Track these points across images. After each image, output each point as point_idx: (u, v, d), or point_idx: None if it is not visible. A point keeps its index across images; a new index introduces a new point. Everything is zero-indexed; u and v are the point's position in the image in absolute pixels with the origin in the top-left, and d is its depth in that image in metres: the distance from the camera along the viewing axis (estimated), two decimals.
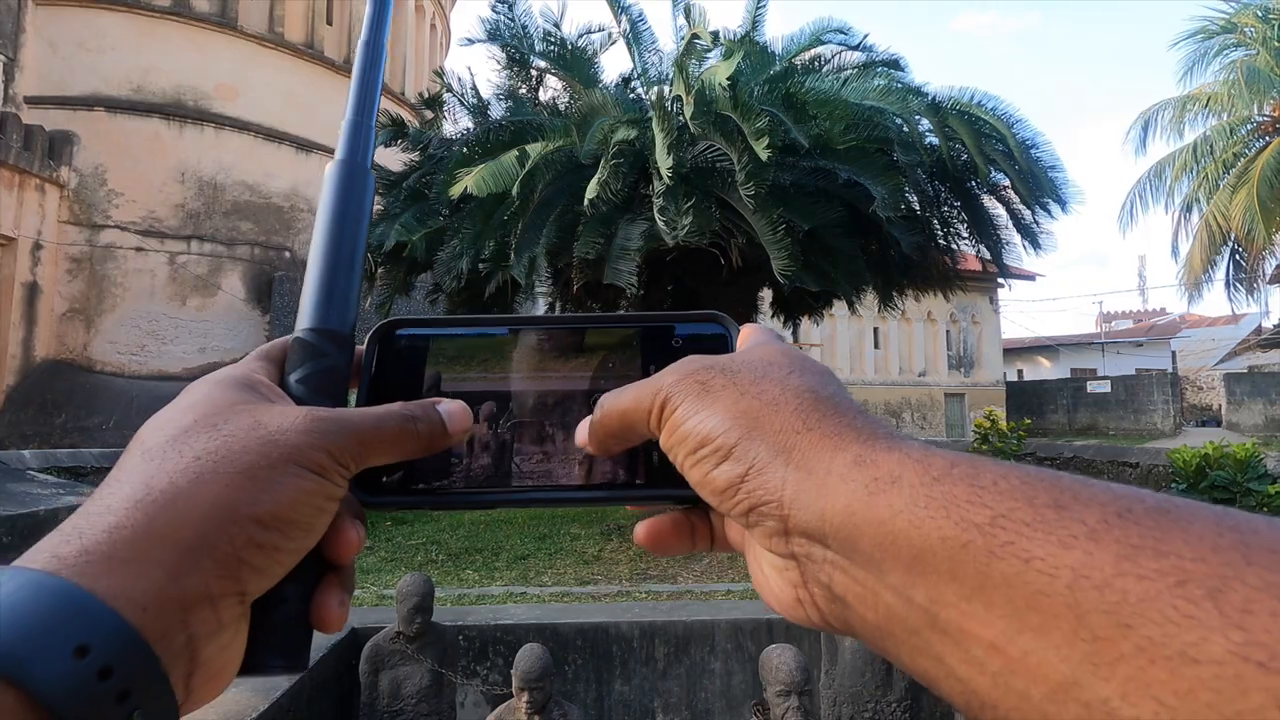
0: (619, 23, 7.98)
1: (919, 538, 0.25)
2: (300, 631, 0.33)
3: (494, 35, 8.04)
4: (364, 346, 0.40)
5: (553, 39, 7.92)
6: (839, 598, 0.28)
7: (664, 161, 5.97)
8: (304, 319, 0.37)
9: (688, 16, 7.24)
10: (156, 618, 0.27)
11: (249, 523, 0.29)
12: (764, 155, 5.78)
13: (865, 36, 7.75)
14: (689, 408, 0.32)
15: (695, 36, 6.65)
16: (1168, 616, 0.20)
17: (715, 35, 6.77)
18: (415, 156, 8.53)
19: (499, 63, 8.31)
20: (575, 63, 7.85)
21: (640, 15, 8.09)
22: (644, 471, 0.38)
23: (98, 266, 13.74)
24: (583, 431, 0.37)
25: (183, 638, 0.28)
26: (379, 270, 8.61)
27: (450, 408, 0.36)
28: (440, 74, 8.48)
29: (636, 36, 7.98)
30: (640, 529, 0.38)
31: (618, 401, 0.35)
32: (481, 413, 0.39)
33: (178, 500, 0.29)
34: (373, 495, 0.37)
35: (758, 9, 7.80)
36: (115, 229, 13.91)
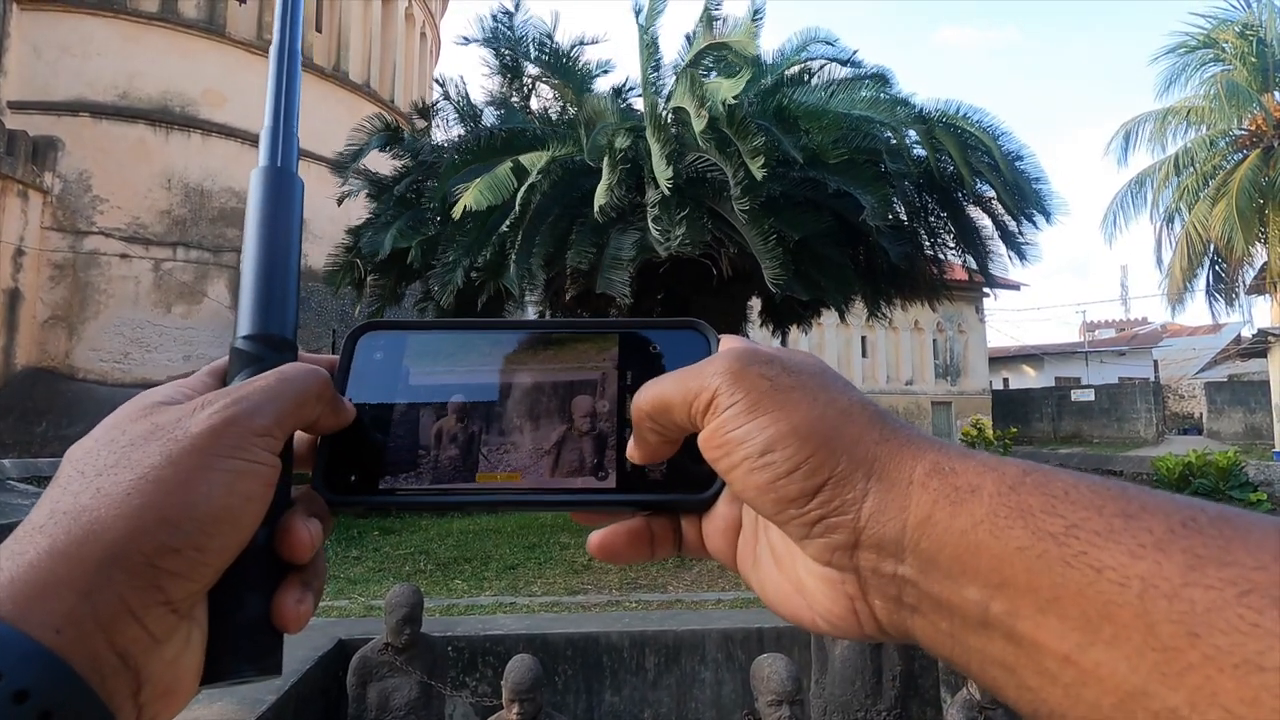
0: (641, 34, 7.95)
1: (999, 548, 0.25)
2: (266, 635, 0.32)
3: (492, 41, 8.05)
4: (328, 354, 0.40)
5: (547, 48, 7.94)
6: (910, 607, 0.28)
7: (662, 173, 6.00)
8: (240, 327, 0.37)
9: (709, 26, 7.14)
10: (74, 638, 0.26)
11: (158, 527, 0.28)
12: (759, 174, 5.82)
13: (855, 52, 7.86)
14: (748, 406, 0.30)
15: (717, 46, 6.62)
16: (1234, 625, 0.20)
17: (753, 59, 6.70)
18: (405, 162, 8.52)
19: (490, 68, 8.33)
20: (569, 71, 7.88)
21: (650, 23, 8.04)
22: (618, 476, 0.36)
23: (81, 273, 13.58)
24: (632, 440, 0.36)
25: (112, 655, 0.27)
26: (369, 278, 8.58)
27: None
28: (441, 82, 8.47)
29: (649, 44, 7.96)
30: (593, 539, 0.36)
31: (656, 387, 0.33)
32: (453, 414, 0.38)
33: (81, 518, 0.28)
34: (337, 494, 0.36)
35: (754, 22, 7.85)
36: (99, 235, 13.77)
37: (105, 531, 0.27)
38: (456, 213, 6.45)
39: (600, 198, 6.14)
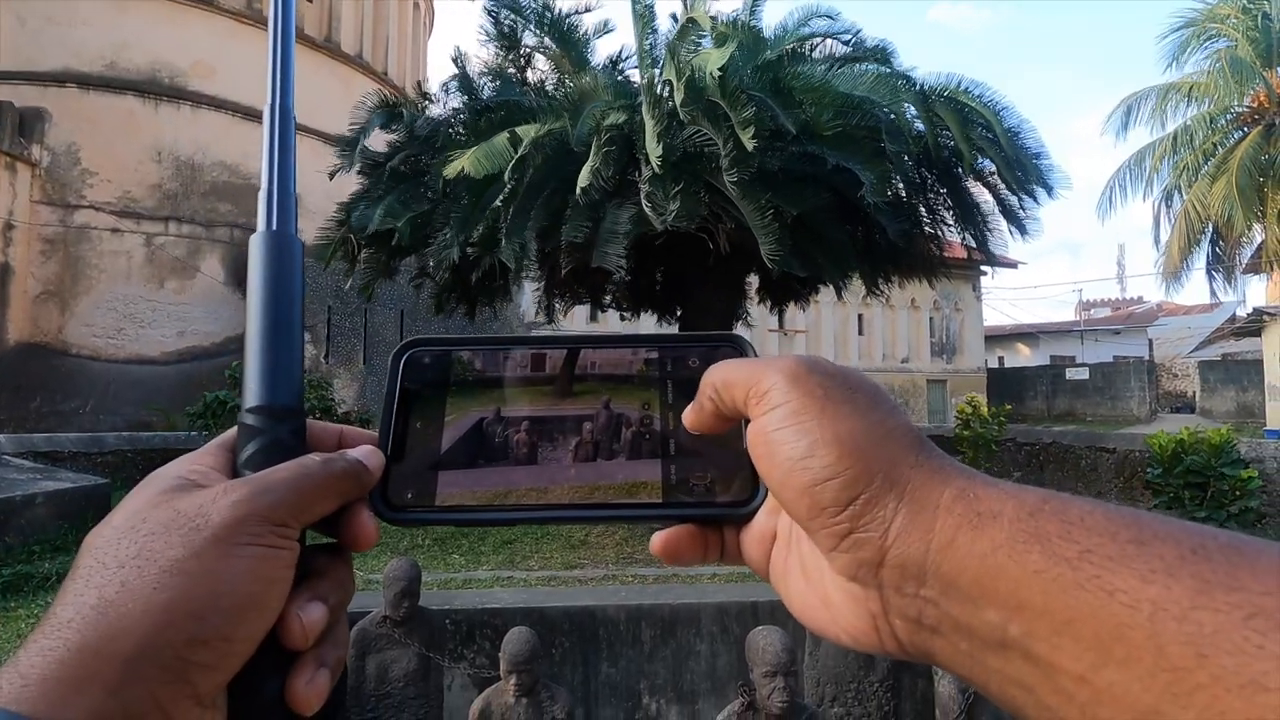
0: (634, 2, 7.80)
1: (1017, 571, 0.26)
2: (283, 718, 0.33)
3: (494, 6, 7.92)
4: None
5: (548, 15, 7.81)
6: (930, 628, 0.29)
7: (654, 150, 5.94)
8: (246, 398, 0.37)
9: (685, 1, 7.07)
10: None
11: (187, 621, 0.29)
12: (749, 144, 5.76)
13: (858, 31, 7.74)
14: (798, 409, 0.32)
15: (690, 21, 6.55)
16: (1240, 647, 0.21)
17: (714, 21, 6.65)
18: (399, 137, 8.39)
19: (488, 35, 8.18)
20: (568, 40, 7.75)
21: None
22: (664, 489, 0.38)
23: (72, 248, 13.46)
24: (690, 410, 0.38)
25: None
26: (362, 253, 8.50)
27: (359, 451, 0.37)
28: (457, 60, 8.30)
29: (647, 12, 7.81)
30: (656, 540, 0.38)
31: (728, 367, 0.36)
32: (502, 431, 0.39)
33: (108, 613, 0.28)
34: (395, 512, 0.38)
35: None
36: (90, 209, 13.63)
37: (134, 627, 0.28)
38: (451, 172, 6.38)
39: (583, 180, 6.09)
